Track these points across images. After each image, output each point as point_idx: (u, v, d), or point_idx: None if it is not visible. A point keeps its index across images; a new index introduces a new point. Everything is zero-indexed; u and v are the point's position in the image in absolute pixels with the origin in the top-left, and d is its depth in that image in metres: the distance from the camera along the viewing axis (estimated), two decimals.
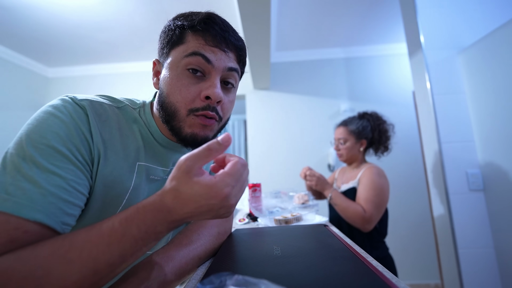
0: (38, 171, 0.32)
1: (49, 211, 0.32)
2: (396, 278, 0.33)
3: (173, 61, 0.42)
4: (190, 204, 0.30)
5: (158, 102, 0.45)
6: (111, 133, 0.42)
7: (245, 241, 0.52)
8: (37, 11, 1.77)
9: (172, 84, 0.42)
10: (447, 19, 1.33)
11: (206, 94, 0.41)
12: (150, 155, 0.48)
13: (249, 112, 2.55)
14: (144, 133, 0.48)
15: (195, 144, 0.44)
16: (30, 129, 0.35)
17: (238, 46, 0.45)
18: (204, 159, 0.31)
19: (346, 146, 1.21)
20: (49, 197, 0.32)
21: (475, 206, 1.19)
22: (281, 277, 0.32)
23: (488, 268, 1.14)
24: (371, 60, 2.53)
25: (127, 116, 0.46)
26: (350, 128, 1.22)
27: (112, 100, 0.46)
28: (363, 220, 1.03)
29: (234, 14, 1.82)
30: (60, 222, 0.33)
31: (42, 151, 0.34)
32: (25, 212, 0.30)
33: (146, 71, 2.69)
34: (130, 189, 0.45)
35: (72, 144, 0.36)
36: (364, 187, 1.09)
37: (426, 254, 2.20)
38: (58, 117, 0.36)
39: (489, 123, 1.17)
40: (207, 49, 0.41)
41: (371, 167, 1.14)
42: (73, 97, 0.40)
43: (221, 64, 0.42)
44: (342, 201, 1.07)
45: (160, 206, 0.31)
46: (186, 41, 0.42)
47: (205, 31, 0.41)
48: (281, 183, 2.35)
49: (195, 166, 0.30)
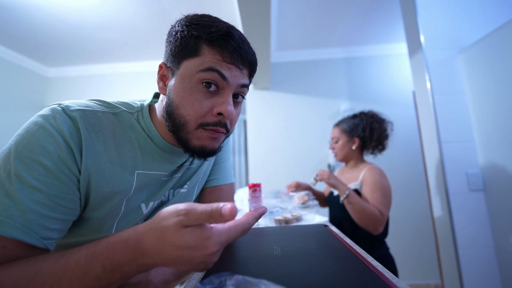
0: (21, 186, 0.33)
1: (28, 228, 0.32)
2: (396, 278, 0.33)
3: (186, 73, 0.41)
4: (172, 251, 0.27)
5: (166, 111, 0.43)
6: (105, 143, 0.41)
7: (245, 241, 0.52)
8: (37, 11, 1.77)
9: (184, 96, 0.41)
10: (447, 19, 1.33)
11: (219, 110, 0.41)
12: (149, 161, 0.46)
13: (249, 112, 2.55)
14: (142, 140, 0.46)
15: (203, 155, 0.44)
16: (18, 141, 0.35)
17: (252, 62, 0.44)
18: (201, 221, 0.28)
19: (338, 145, 1.23)
20: (29, 214, 0.32)
21: (475, 206, 1.19)
22: (281, 277, 0.32)
23: (488, 268, 1.14)
24: (371, 60, 2.53)
25: (123, 123, 0.45)
26: (341, 127, 1.23)
27: (107, 106, 0.45)
28: (378, 222, 1.00)
29: (234, 14, 1.82)
30: (41, 238, 0.33)
31: (27, 165, 0.34)
32: (4, 229, 0.31)
33: (146, 71, 2.69)
34: (128, 197, 0.44)
35: (59, 158, 0.36)
36: (371, 188, 1.07)
37: (426, 254, 2.20)
38: (46, 129, 0.36)
39: (489, 123, 1.17)
40: (223, 65, 0.40)
41: (372, 168, 1.13)
42: (64, 107, 0.39)
43: (235, 81, 0.42)
44: (359, 201, 1.02)
45: (134, 245, 0.28)
46: (202, 54, 0.40)
47: (223, 47, 0.40)
48: (281, 183, 2.35)
49: (189, 222, 0.27)
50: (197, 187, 0.58)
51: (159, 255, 0.28)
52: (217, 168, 0.63)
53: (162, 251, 0.27)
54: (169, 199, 0.53)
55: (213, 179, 0.61)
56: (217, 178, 0.62)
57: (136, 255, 0.28)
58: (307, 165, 2.39)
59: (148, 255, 0.28)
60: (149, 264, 0.29)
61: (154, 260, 0.28)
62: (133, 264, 0.29)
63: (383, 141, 1.20)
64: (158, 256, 0.28)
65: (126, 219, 0.45)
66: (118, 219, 0.44)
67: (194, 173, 0.56)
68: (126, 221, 0.45)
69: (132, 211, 0.46)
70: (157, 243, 0.27)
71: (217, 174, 0.62)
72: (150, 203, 0.48)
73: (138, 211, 0.46)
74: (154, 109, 0.49)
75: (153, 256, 0.28)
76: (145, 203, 0.47)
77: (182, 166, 0.53)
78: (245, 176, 3.60)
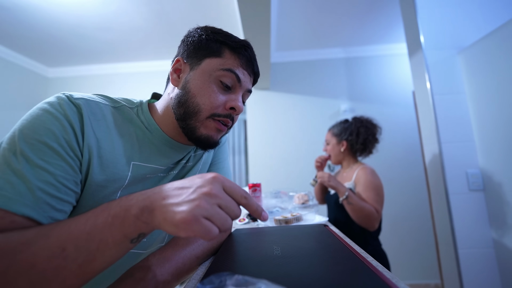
0: (27, 166, 0.33)
1: (37, 206, 0.32)
2: (396, 278, 0.33)
3: (207, 68, 0.46)
4: (170, 184, 0.31)
5: (179, 100, 0.47)
6: (105, 132, 0.43)
7: (245, 241, 0.52)
8: (37, 11, 1.77)
9: (203, 88, 0.46)
10: (447, 19, 1.33)
11: (233, 105, 0.47)
12: (146, 154, 0.48)
13: (249, 112, 2.55)
14: (140, 133, 0.48)
15: (207, 145, 0.48)
16: (23, 124, 0.36)
17: (257, 73, 0.52)
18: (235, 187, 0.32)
19: (329, 147, 1.33)
20: (37, 192, 0.33)
21: (475, 206, 1.19)
22: (281, 277, 0.32)
23: (488, 268, 1.14)
24: (371, 60, 2.53)
25: (123, 116, 0.47)
26: (332, 131, 1.33)
27: (109, 100, 0.47)
28: (375, 219, 1.06)
29: (234, 14, 1.82)
30: (48, 217, 0.34)
31: (33, 146, 0.34)
32: (13, 206, 0.31)
33: (146, 71, 2.69)
34: (123, 187, 0.44)
35: (64, 140, 0.36)
36: (364, 187, 1.12)
37: (426, 254, 2.20)
38: (52, 113, 0.37)
39: (489, 123, 1.17)
40: (240, 70, 0.48)
41: (364, 168, 1.19)
42: (69, 95, 0.41)
43: (246, 85, 0.49)
44: (357, 201, 1.08)
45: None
46: (223, 56, 0.47)
47: (241, 55, 0.48)
48: (281, 183, 2.35)
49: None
50: None
51: (157, 189, 0.30)
52: (214, 168, 0.63)
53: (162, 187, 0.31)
54: None
55: None
56: None
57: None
58: (307, 165, 2.39)
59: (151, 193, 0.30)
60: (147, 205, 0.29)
61: (151, 197, 0.30)
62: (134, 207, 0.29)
63: (369, 145, 1.25)
64: (156, 190, 0.30)
65: None
66: None
67: (189, 171, 0.57)
68: None
69: None
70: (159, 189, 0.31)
71: None
72: None
73: None
74: (154, 106, 0.52)
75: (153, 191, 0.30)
76: None
77: (178, 164, 0.54)
78: (245, 176, 3.61)
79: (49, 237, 0.29)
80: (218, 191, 0.29)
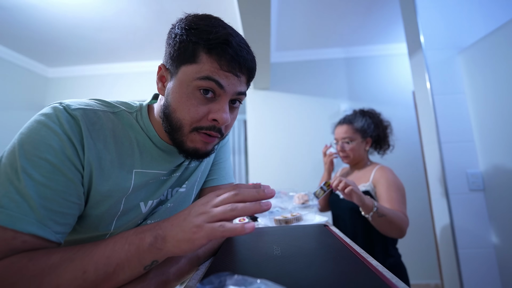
0: (30, 183, 0.33)
1: (42, 223, 0.33)
2: (396, 278, 0.33)
3: (183, 78, 0.41)
4: (182, 211, 0.35)
5: (164, 113, 0.44)
6: (105, 142, 0.42)
7: (245, 241, 0.52)
8: (37, 11, 1.77)
9: (181, 101, 0.41)
10: (447, 19, 1.33)
11: (214, 117, 0.42)
12: (148, 160, 0.47)
13: (249, 112, 2.55)
14: (141, 138, 0.47)
15: (197, 156, 0.46)
16: (23, 139, 0.36)
17: (250, 69, 0.44)
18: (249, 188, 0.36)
19: (352, 146, 1.09)
20: (41, 210, 0.33)
21: (475, 206, 1.19)
22: (281, 277, 0.32)
23: (488, 268, 1.14)
24: (371, 60, 2.53)
25: (123, 122, 0.46)
26: (355, 126, 1.10)
27: (107, 105, 0.46)
28: (406, 225, 0.89)
29: (234, 14, 1.82)
30: (53, 232, 0.35)
31: (34, 163, 0.34)
32: (21, 226, 0.32)
33: (146, 71, 2.69)
34: (127, 196, 0.44)
35: (64, 155, 0.37)
36: (387, 188, 0.97)
37: (426, 254, 2.20)
38: (50, 128, 0.37)
39: (489, 123, 1.17)
40: (221, 74, 0.40)
41: (383, 168, 1.06)
42: (65, 106, 0.40)
43: (232, 89, 0.42)
44: (388, 211, 0.88)
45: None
46: (199, 61, 0.40)
47: (220, 55, 0.39)
48: (281, 183, 2.35)
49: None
50: (196, 186, 0.58)
51: (166, 220, 0.35)
52: (216, 168, 0.63)
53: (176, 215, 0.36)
54: (167, 198, 0.53)
55: (212, 179, 0.61)
56: (216, 178, 0.62)
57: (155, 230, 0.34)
58: (307, 165, 2.39)
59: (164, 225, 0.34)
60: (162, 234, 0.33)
61: (166, 227, 0.34)
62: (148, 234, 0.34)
63: (388, 140, 1.16)
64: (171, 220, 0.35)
65: (125, 217, 0.46)
66: (117, 217, 0.44)
67: (192, 172, 0.56)
68: (125, 219, 0.46)
69: (131, 210, 0.46)
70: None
71: (216, 174, 0.62)
72: (149, 202, 0.48)
73: (137, 210, 0.47)
74: (153, 109, 0.50)
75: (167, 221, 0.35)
76: (144, 202, 0.48)
77: (180, 166, 0.54)
78: (245, 176, 3.61)
79: (73, 260, 0.32)
80: (210, 210, 0.34)
